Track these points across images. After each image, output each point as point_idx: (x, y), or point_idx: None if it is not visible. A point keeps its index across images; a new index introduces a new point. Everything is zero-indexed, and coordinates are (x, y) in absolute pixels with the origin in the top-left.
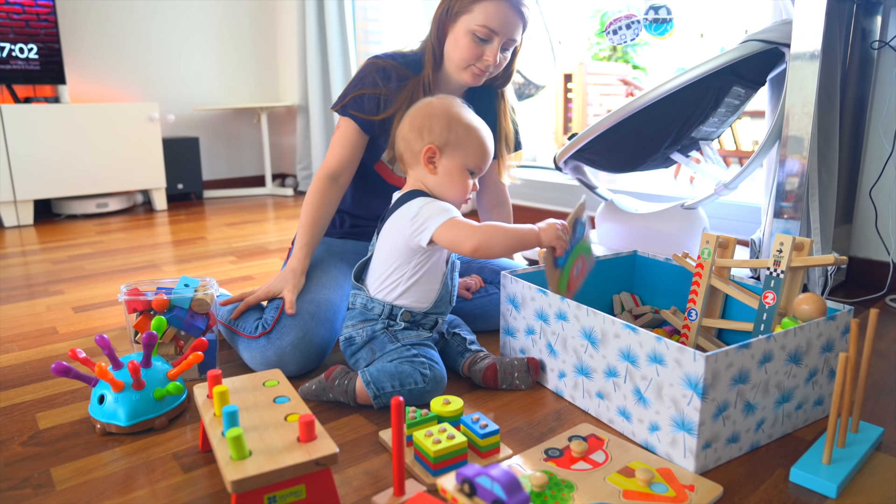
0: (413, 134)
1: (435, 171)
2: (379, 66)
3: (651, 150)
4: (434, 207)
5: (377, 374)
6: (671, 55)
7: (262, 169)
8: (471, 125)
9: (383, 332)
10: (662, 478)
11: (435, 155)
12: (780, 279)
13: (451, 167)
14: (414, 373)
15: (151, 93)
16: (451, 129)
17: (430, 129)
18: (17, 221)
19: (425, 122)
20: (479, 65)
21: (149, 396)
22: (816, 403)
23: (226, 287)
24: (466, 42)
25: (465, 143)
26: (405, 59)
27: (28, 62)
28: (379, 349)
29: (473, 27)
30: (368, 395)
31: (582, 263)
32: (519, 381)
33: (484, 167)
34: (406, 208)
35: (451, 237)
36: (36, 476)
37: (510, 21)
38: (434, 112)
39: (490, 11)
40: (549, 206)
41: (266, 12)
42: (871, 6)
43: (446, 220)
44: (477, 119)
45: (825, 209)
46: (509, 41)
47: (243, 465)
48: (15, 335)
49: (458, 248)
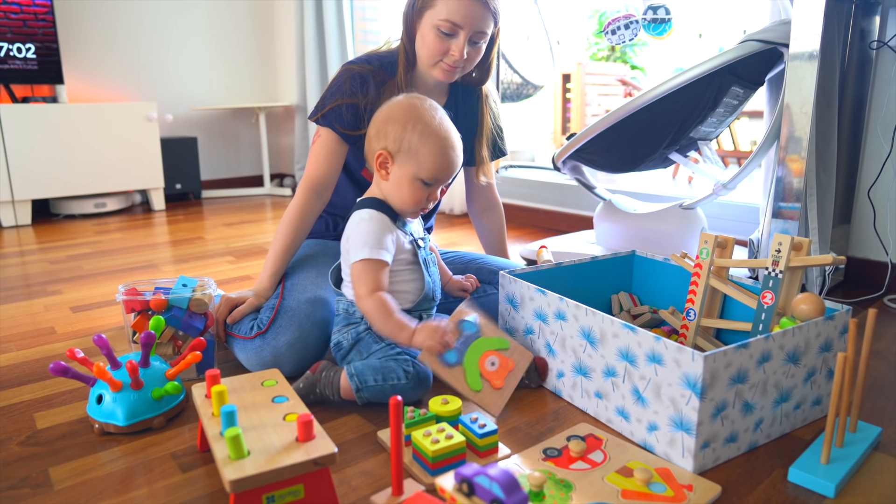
0: (372, 135)
1: (387, 178)
2: (355, 73)
3: (649, 150)
4: (363, 235)
5: (362, 367)
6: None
7: (261, 169)
8: (428, 132)
9: (367, 332)
10: (661, 477)
11: (387, 161)
12: (779, 279)
13: (401, 176)
14: (397, 369)
15: (149, 92)
16: (406, 135)
17: (386, 134)
18: (15, 221)
19: (382, 125)
20: (446, 60)
21: (147, 396)
22: (815, 403)
23: (224, 287)
24: (432, 38)
25: (418, 152)
26: (381, 61)
27: (26, 62)
28: (365, 350)
29: (437, 22)
30: (351, 389)
31: (502, 359)
32: (528, 380)
33: (442, 179)
34: (350, 220)
35: (354, 280)
36: (34, 476)
37: (474, 13)
38: (392, 115)
39: (452, 5)
40: (548, 206)
41: (264, 12)
42: (870, 6)
43: (364, 260)
44: (442, 126)
45: (823, 209)
46: (477, 34)
47: (242, 464)
48: (13, 335)
49: (354, 291)
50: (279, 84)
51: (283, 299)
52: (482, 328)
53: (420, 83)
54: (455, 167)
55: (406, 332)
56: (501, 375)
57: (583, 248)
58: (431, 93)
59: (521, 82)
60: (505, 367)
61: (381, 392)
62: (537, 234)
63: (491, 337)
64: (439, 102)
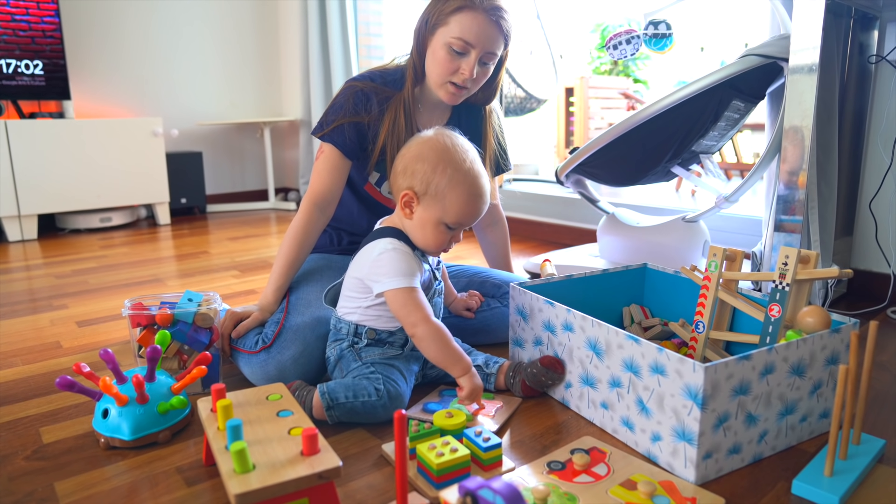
0: (399, 171)
1: (410, 217)
2: (357, 90)
3: (652, 164)
4: (394, 264)
5: (334, 385)
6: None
7: (266, 183)
8: (457, 177)
9: (349, 349)
10: (664, 490)
11: (412, 201)
12: (786, 292)
13: (426, 218)
14: (369, 387)
15: (155, 108)
16: (435, 178)
17: (414, 173)
18: (21, 236)
19: (411, 163)
20: (455, 79)
21: (152, 410)
22: (822, 416)
23: (229, 301)
24: (443, 55)
25: (445, 197)
26: (384, 77)
27: (33, 78)
28: (346, 367)
29: (449, 40)
30: (322, 407)
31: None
32: (549, 381)
33: (466, 223)
34: (372, 247)
35: (398, 309)
36: (39, 490)
37: (487, 34)
38: (422, 154)
39: (466, 23)
40: (551, 220)
41: (269, 27)
42: (868, 21)
43: (402, 288)
44: (472, 171)
45: (825, 222)
46: (488, 55)
47: (247, 478)
48: (19, 349)
49: (402, 322)
50: (284, 99)
51: (287, 314)
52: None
53: (426, 99)
54: (481, 213)
55: (463, 365)
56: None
57: (586, 262)
58: (436, 109)
59: (525, 96)
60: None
61: (352, 410)
62: (540, 248)
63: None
64: (442, 119)
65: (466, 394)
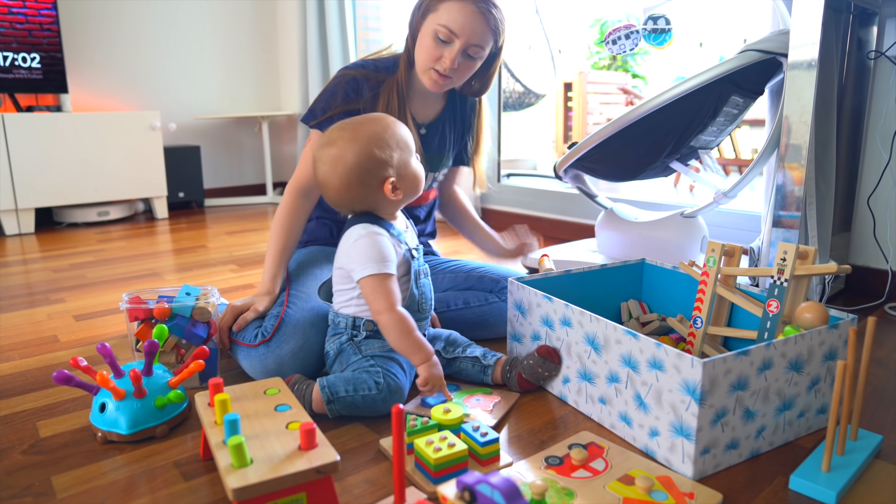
0: (344, 186)
1: (398, 196)
2: (350, 77)
3: (651, 159)
4: (366, 251)
5: (334, 379)
6: (671, 64)
7: (264, 177)
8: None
9: (348, 343)
10: (662, 485)
11: (389, 178)
12: (784, 287)
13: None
14: (368, 380)
15: (153, 102)
16: (383, 152)
17: (377, 167)
18: (18, 230)
19: (351, 173)
20: (437, 66)
21: (150, 405)
22: (819, 412)
23: (227, 295)
24: (428, 42)
25: (392, 157)
26: (377, 64)
27: (31, 71)
28: (346, 361)
29: (436, 26)
30: (323, 401)
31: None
32: (546, 372)
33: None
34: (348, 235)
35: (367, 295)
36: (37, 485)
37: (472, 26)
38: (345, 158)
39: (453, 13)
40: (549, 215)
41: (267, 21)
42: (867, 17)
43: (374, 275)
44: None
45: (823, 218)
46: (473, 47)
47: (244, 472)
48: (16, 343)
49: (370, 308)
50: (282, 93)
51: (286, 308)
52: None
53: (417, 84)
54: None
55: (423, 354)
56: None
57: (584, 257)
58: (429, 96)
59: (523, 91)
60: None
61: (352, 404)
62: (539, 243)
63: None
64: (436, 107)
65: (422, 380)
